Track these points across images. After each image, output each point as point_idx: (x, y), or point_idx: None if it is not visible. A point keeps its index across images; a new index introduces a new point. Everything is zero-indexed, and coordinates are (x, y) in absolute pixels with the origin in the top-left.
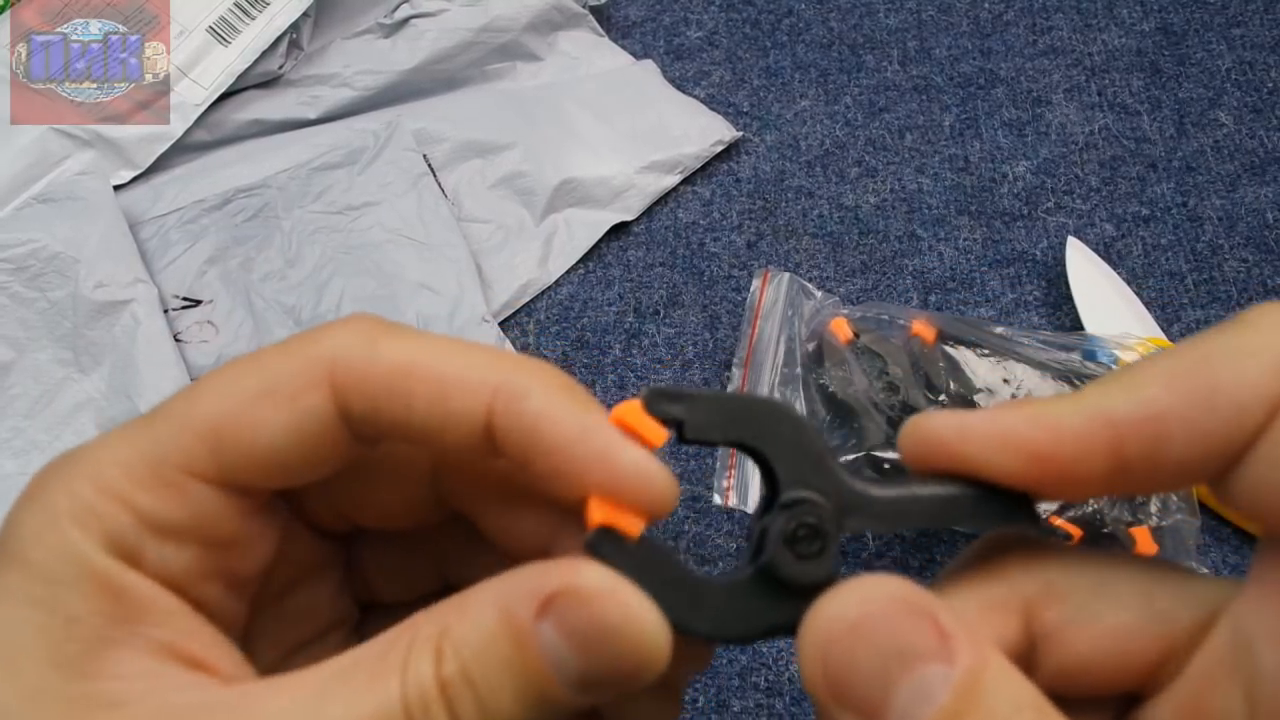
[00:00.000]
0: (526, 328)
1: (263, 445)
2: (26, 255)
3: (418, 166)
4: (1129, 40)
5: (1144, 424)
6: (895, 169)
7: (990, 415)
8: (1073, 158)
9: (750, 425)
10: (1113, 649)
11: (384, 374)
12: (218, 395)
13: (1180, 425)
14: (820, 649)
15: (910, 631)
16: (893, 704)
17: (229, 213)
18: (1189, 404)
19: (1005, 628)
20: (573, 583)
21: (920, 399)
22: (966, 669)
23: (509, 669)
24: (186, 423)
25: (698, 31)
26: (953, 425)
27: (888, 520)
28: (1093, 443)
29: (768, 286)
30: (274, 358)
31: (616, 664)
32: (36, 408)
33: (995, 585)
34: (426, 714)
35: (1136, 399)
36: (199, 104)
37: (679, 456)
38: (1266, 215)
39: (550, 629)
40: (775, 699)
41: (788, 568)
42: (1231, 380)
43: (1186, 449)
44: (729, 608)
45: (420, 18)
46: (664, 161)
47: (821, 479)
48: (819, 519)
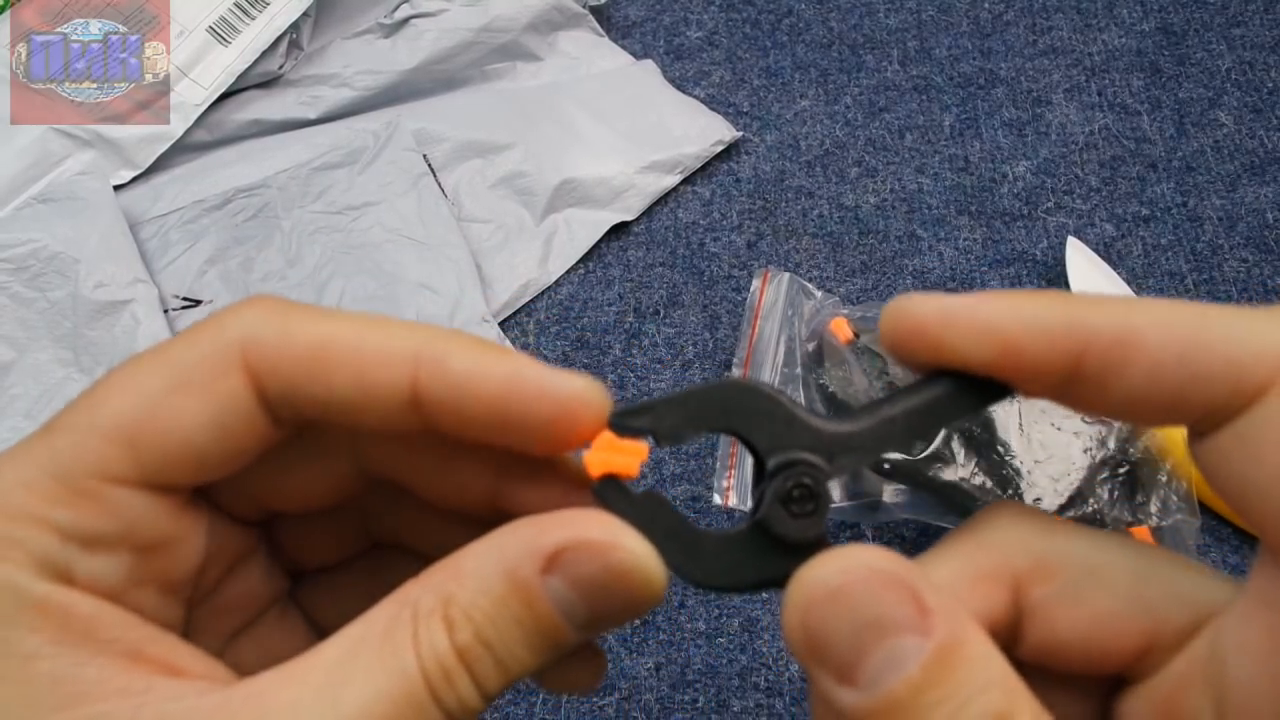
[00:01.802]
0: (526, 328)
1: (181, 439)
2: (26, 255)
3: (418, 166)
4: (1129, 40)
5: (1111, 346)
6: (895, 169)
7: (972, 302)
8: (1073, 158)
9: (715, 410)
10: (1094, 634)
11: (300, 353)
12: (126, 393)
13: (1147, 360)
14: (800, 610)
15: (887, 602)
16: (864, 668)
17: (229, 213)
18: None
19: (993, 598)
20: (579, 536)
21: None
22: (940, 643)
23: (522, 627)
24: (94, 427)
25: (698, 31)
26: (934, 310)
27: (872, 447)
28: (1057, 345)
29: (768, 286)
30: (180, 348)
31: (623, 605)
32: (36, 408)
33: (988, 555)
34: (449, 682)
35: (1117, 322)
36: (199, 104)
37: (679, 456)
38: (1266, 215)
39: (558, 582)
40: (775, 699)
41: (781, 524)
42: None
43: (1146, 385)
44: (724, 558)
45: (420, 18)
46: (664, 161)
47: (798, 436)
48: (814, 480)
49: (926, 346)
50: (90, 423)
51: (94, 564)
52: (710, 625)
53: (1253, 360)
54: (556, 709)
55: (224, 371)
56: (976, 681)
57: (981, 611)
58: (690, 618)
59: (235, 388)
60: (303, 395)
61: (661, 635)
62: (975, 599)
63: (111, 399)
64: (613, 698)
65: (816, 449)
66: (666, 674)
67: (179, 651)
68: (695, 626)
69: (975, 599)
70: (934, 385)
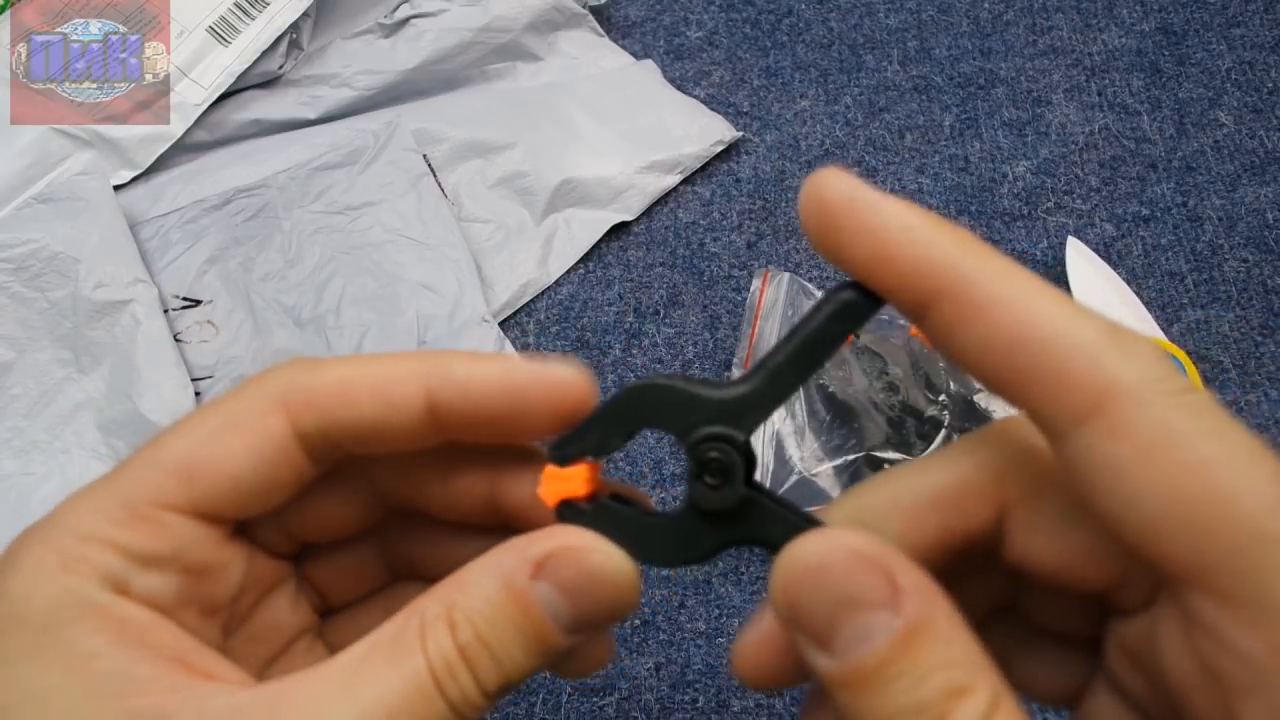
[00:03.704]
0: (526, 328)
1: (229, 472)
2: (26, 255)
3: (418, 166)
4: (1129, 40)
5: (961, 299)
6: (895, 169)
7: (878, 198)
8: (1073, 158)
9: (627, 415)
10: (1068, 564)
11: (330, 388)
12: (183, 435)
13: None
14: (782, 583)
15: (862, 581)
16: (837, 638)
17: (229, 213)
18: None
19: (974, 515)
20: (560, 544)
21: (920, 399)
22: (909, 620)
23: (515, 627)
24: (156, 462)
25: (698, 31)
26: (843, 191)
27: (771, 398)
28: (921, 272)
29: (768, 286)
30: (229, 398)
31: (602, 603)
32: (36, 408)
33: (979, 473)
34: (453, 677)
35: (976, 280)
36: (199, 104)
37: (679, 457)
38: (1266, 215)
39: (545, 587)
40: (775, 699)
41: (703, 499)
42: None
43: (978, 354)
44: (676, 539)
45: (420, 18)
46: (664, 161)
47: (701, 412)
48: (721, 451)
49: (823, 226)
50: (153, 458)
51: (149, 581)
52: (710, 625)
53: (1077, 382)
54: (556, 709)
55: (266, 412)
56: (940, 658)
57: (959, 526)
58: (690, 618)
59: (276, 425)
60: (333, 424)
61: (661, 635)
62: (956, 514)
63: (171, 439)
64: (613, 698)
65: (721, 419)
66: (666, 674)
67: (218, 662)
68: (695, 626)
69: (956, 514)
70: (809, 319)
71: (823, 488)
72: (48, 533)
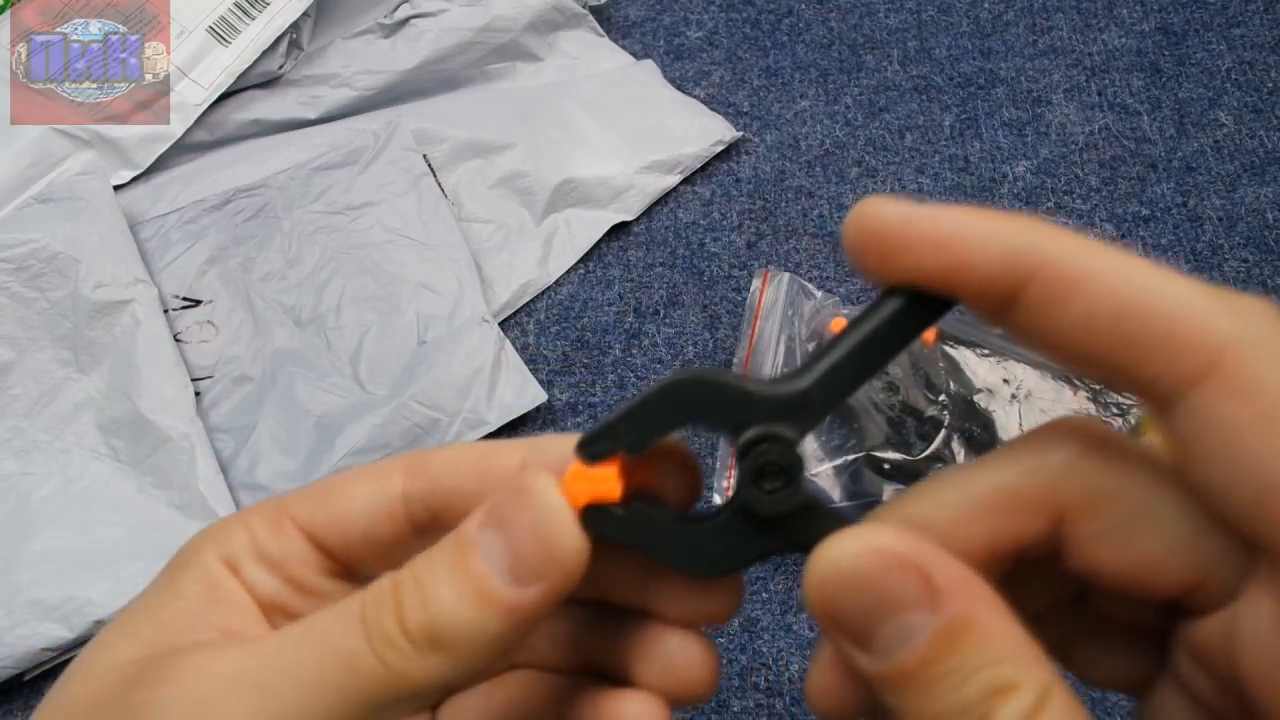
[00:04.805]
0: (526, 328)
1: (343, 510)
2: (26, 255)
3: (418, 166)
4: (1129, 40)
5: (1055, 280)
6: (895, 169)
7: (933, 211)
8: (1073, 158)
9: (671, 410)
10: (1137, 574)
11: (443, 460)
12: (346, 475)
13: (1085, 305)
14: (817, 587)
15: (897, 582)
16: (877, 639)
17: (229, 213)
18: (1107, 295)
19: (1027, 526)
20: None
21: (920, 399)
22: (949, 619)
23: (446, 565)
24: (316, 487)
25: (698, 31)
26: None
27: (828, 399)
28: (1008, 265)
29: (768, 286)
30: (381, 463)
31: (535, 547)
32: (36, 408)
33: (1032, 480)
34: (379, 609)
35: (1067, 258)
36: (199, 104)
37: None
38: (1266, 215)
39: (487, 530)
40: (775, 699)
41: (759, 503)
42: (1166, 313)
43: (1081, 331)
44: (719, 546)
45: (420, 18)
46: (664, 161)
47: (755, 410)
48: (779, 454)
49: (883, 252)
50: (319, 485)
51: (256, 571)
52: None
53: (1189, 342)
54: None
55: (392, 471)
56: (983, 655)
57: (1010, 535)
58: None
59: (393, 483)
60: (437, 489)
61: None
62: (1006, 523)
63: (340, 476)
64: None
65: (775, 417)
66: None
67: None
68: None
69: (1006, 523)
70: (870, 318)
71: (822, 488)
72: (244, 510)
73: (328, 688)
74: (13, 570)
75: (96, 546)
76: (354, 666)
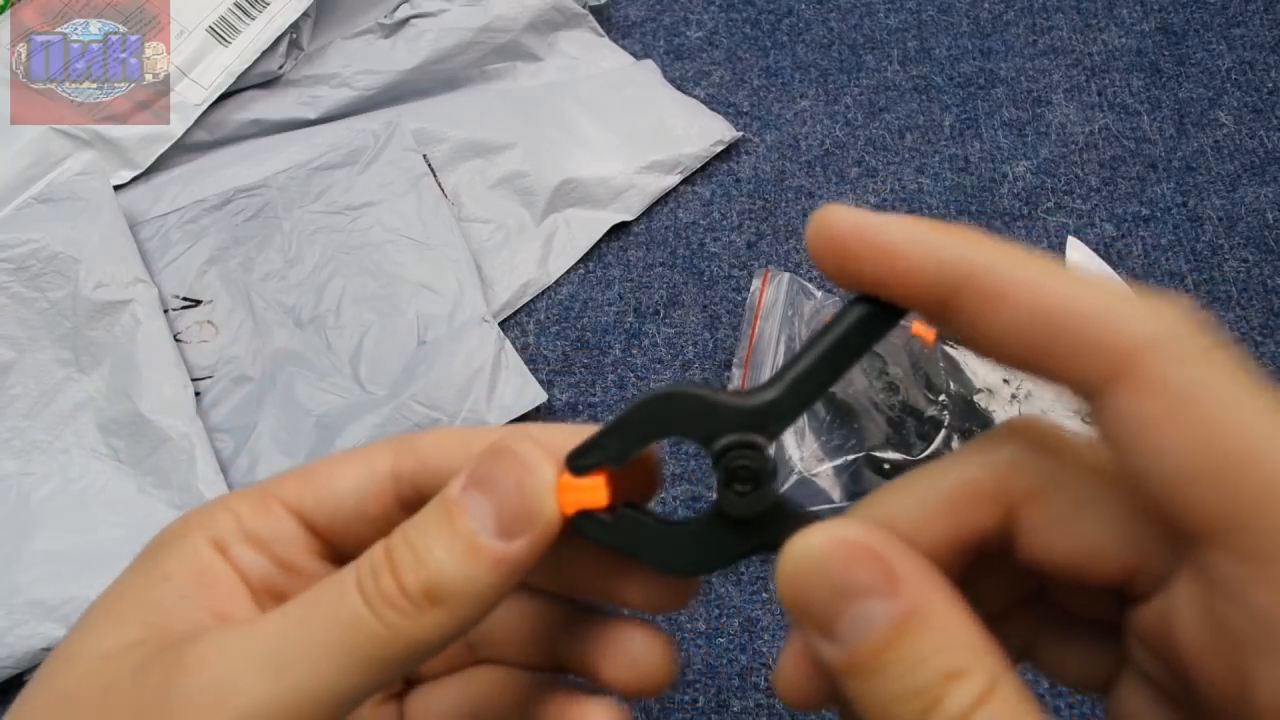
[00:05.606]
0: (526, 328)
1: (331, 489)
2: (26, 255)
3: (418, 166)
4: (1129, 40)
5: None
6: (895, 169)
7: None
8: (1073, 158)
9: (650, 423)
10: (1077, 561)
11: (430, 441)
12: (333, 457)
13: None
14: (787, 576)
15: (859, 570)
16: (838, 627)
17: (229, 213)
18: (1027, 303)
19: (984, 516)
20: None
21: (920, 399)
22: (906, 607)
23: (437, 527)
24: (304, 470)
25: (698, 31)
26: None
27: (795, 406)
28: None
29: (768, 286)
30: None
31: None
32: (36, 408)
33: (987, 475)
34: (375, 573)
35: (990, 270)
36: (199, 104)
37: (678, 456)
38: (1266, 215)
39: (473, 491)
40: (775, 699)
41: (732, 506)
42: (1081, 316)
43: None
44: (700, 546)
45: (420, 18)
46: (664, 161)
47: (726, 420)
48: (750, 459)
49: (837, 259)
50: (307, 467)
51: (244, 551)
52: (710, 625)
53: (1104, 345)
54: None
55: (381, 451)
56: (936, 642)
57: (970, 527)
58: (690, 618)
59: (382, 463)
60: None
61: None
62: (966, 516)
63: (328, 459)
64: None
65: (747, 427)
66: None
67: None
68: (695, 626)
69: (966, 516)
70: (835, 327)
71: (823, 488)
72: (225, 495)
73: (335, 655)
74: (13, 570)
75: (97, 546)
76: (358, 631)
